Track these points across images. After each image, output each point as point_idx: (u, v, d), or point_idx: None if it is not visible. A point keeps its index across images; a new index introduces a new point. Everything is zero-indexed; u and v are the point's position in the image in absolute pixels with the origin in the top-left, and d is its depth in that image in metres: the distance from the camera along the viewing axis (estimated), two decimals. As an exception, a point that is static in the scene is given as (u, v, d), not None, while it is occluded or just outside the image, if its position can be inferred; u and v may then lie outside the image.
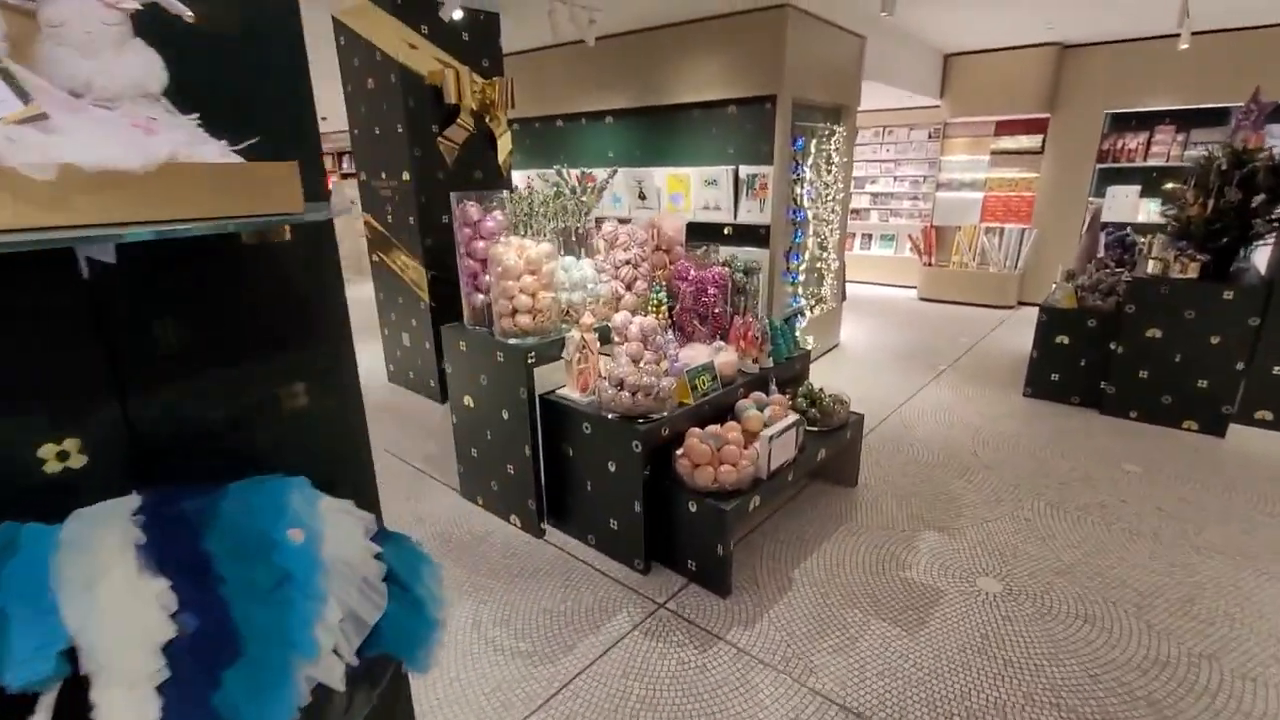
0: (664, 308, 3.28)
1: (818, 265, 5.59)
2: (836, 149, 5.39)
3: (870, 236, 9.28)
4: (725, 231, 5.07)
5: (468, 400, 3.24)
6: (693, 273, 3.33)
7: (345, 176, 12.65)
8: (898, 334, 6.67)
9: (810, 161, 5.03)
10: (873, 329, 6.87)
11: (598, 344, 3.01)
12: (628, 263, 3.32)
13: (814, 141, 5.03)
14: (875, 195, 9.12)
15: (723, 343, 3.26)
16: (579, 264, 3.22)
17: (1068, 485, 3.53)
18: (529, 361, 2.86)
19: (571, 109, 5.67)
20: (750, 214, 4.85)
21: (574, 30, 4.42)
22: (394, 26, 3.91)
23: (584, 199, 3.40)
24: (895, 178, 8.86)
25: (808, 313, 5.40)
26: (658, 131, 5.30)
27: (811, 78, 4.76)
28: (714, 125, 4.97)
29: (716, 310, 3.37)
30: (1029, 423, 4.37)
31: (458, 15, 3.99)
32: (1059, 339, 4.61)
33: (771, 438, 2.75)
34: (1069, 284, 4.74)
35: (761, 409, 3.06)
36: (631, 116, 5.44)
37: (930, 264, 8.21)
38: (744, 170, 4.82)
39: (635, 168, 5.40)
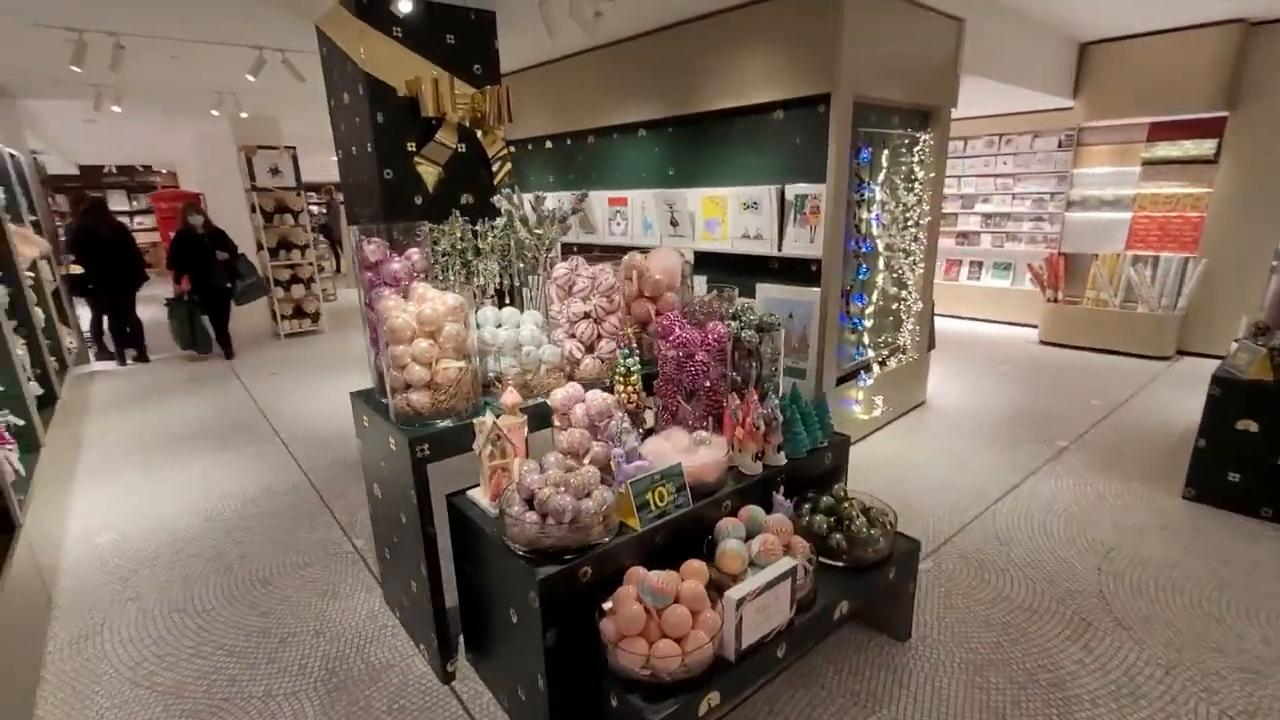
0: (634, 378, 2.41)
1: (893, 307, 4.46)
2: (921, 161, 4.26)
3: (980, 265, 7.81)
4: (772, 266, 4.11)
5: (376, 489, 2.53)
6: (678, 331, 2.44)
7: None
8: (1006, 390, 5.31)
9: (882, 178, 3.96)
10: (973, 382, 5.54)
11: (524, 431, 2.20)
12: (586, 316, 2.49)
13: (887, 153, 3.95)
14: (988, 217, 7.66)
15: (706, 433, 2.34)
16: (522, 317, 2.43)
17: (1265, 677, 2.25)
18: (418, 455, 2.10)
19: (601, 122, 4.94)
20: (798, 244, 3.86)
21: (576, 26, 3.69)
22: (358, 30, 3.36)
23: (539, 232, 2.62)
24: (1014, 195, 7.38)
25: (875, 368, 4.28)
26: (693, 145, 4.44)
27: (883, 71, 3.72)
28: (756, 135, 4.04)
29: (708, 383, 2.45)
30: (1192, 546, 3.03)
31: (406, 7, 3.37)
32: (1241, 424, 3.22)
33: (743, 600, 1.80)
34: (1258, 344, 3.33)
35: (752, 536, 2.12)
36: (665, 128, 4.62)
37: (1056, 299, 6.67)
38: (791, 190, 3.85)
39: (670, 189, 4.57)
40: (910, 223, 4.31)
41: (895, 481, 3.78)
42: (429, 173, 3.71)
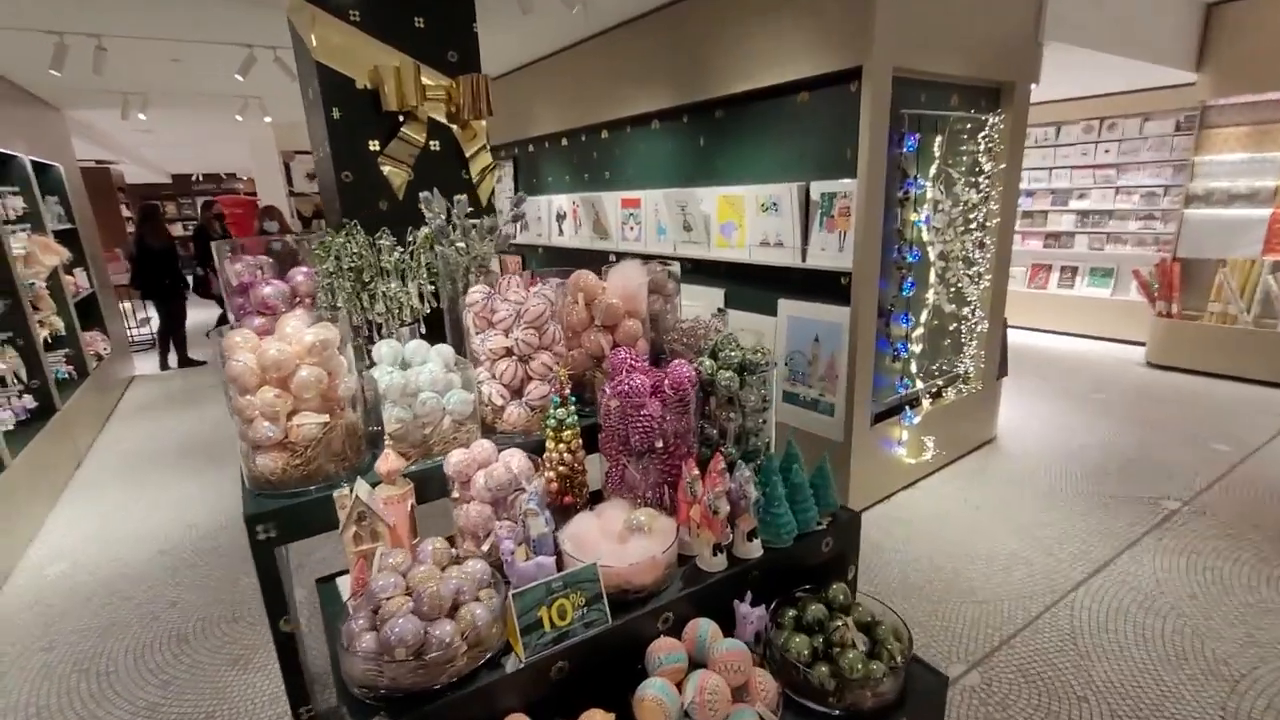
0: (569, 434, 1.87)
1: (951, 328, 3.67)
2: (989, 150, 3.47)
3: (1074, 270, 6.71)
4: (795, 278, 3.44)
5: (263, 556, 2.10)
6: (625, 378, 1.87)
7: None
8: (1100, 426, 4.36)
9: (935, 171, 3.21)
10: (1058, 415, 4.61)
11: (408, 505, 1.69)
12: (508, 353, 1.96)
13: (941, 140, 3.19)
14: (1084, 215, 6.57)
15: (651, 511, 1.75)
16: (427, 353, 1.93)
17: None
18: (258, 537, 1.63)
19: (613, 114, 4.39)
20: (826, 253, 3.18)
21: (563, 7, 3.17)
22: (311, 15, 2.97)
23: (475, 244, 2.11)
24: (1117, 189, 6.27)
25: (924, 401, 3.51)
26: (708, 137, 3.82)
27: (934, 38, 2.98)
28: (776, 123, 3.38)
29: (660, 444, 1.87)
30: (1366, 680, 2.16)
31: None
32: None
33: (640, 801, 1.21)
34: None
35: (693, 668, 1.53)
36: (679, 118, 4.02)
37: (1169, 313, 5.55)
38: (817, 188, 3.17)
39: (684, 188, 3.97)
40: (974, 225, 3.51)
41: (940, 548, 3.04)
42: (395, 174, 3.29)
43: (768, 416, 2.12)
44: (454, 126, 3.39)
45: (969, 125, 3.35)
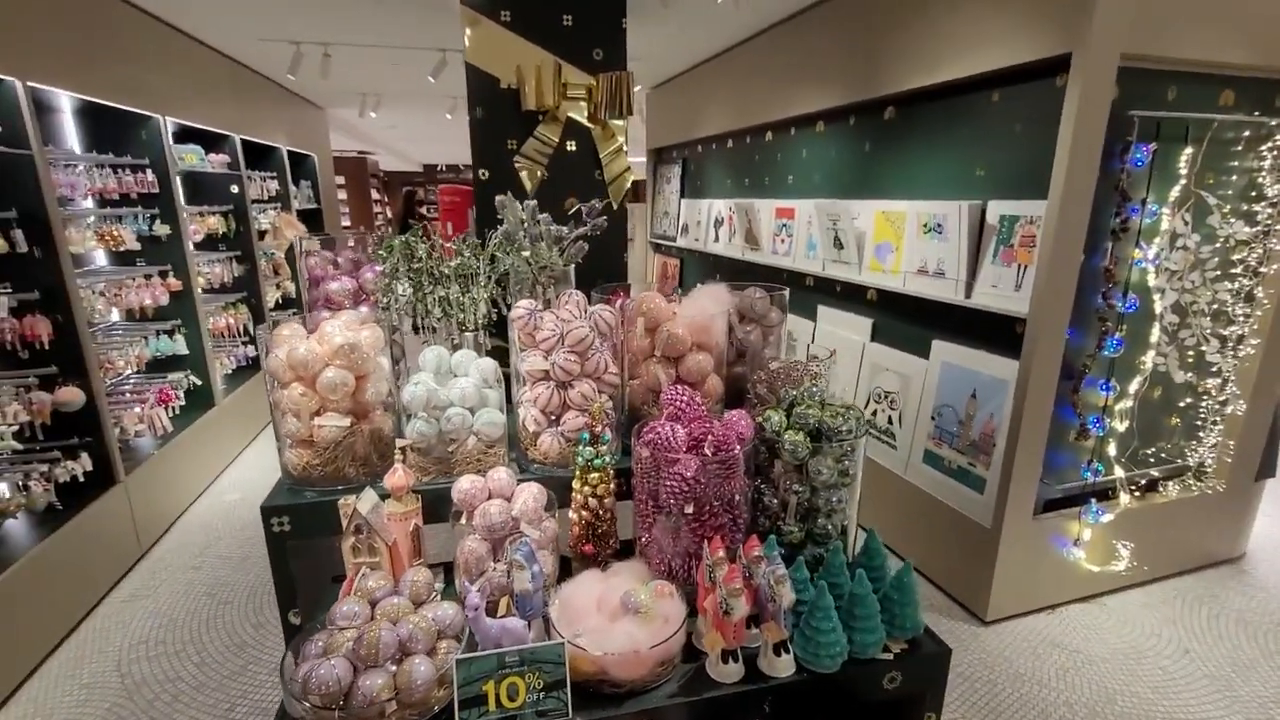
0: (597, 477, 1.66)
1: (1183, 405, 2.73)
2: (1275, 168, 2.48)
3: None
4: (956, 318, 2.80)
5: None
6: (659, 424, 1.61)
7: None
8: None
9: (1177, 193, 2.36)
10: (1362, 542, 3.26)
11: (413, 524, 1.61)
12: (545, 376, 1.78)
13: (1190, 152, 2.33)
14: None
15: (660, 587, 1.47)
16: (466, 365, 1.83)
17: None
18: (274, 529, 1.65)
19: (778, 115, 3.99)
20: (998, 290, 2.52)
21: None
22: (468, 17, 3.07)
23: (550, 256, 1.98)
24: None
25: (1122, 494, 2.65)
26: (874, 141, 3.27)
27: (1196, 10, 2.17)
28: (956, 126, 2.75)
29: (690, 509, 1.57)
30: None
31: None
32: None
33: None
34: None
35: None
36: (845, 119, 3.51)
37: None
38: (995, 208, 2.52)
39: (839, 198, 3.47)
40: (1239, 269, 2.55)
41: (1108, 700, 2.27)
42: (528, 173, 3.30)
43: (846, 496, 1.70)
44: (593, 127, 3.31)
45: (1246, 132, 2.42)
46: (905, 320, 3.09)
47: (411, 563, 1.65)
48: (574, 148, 3.31)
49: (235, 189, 4.92)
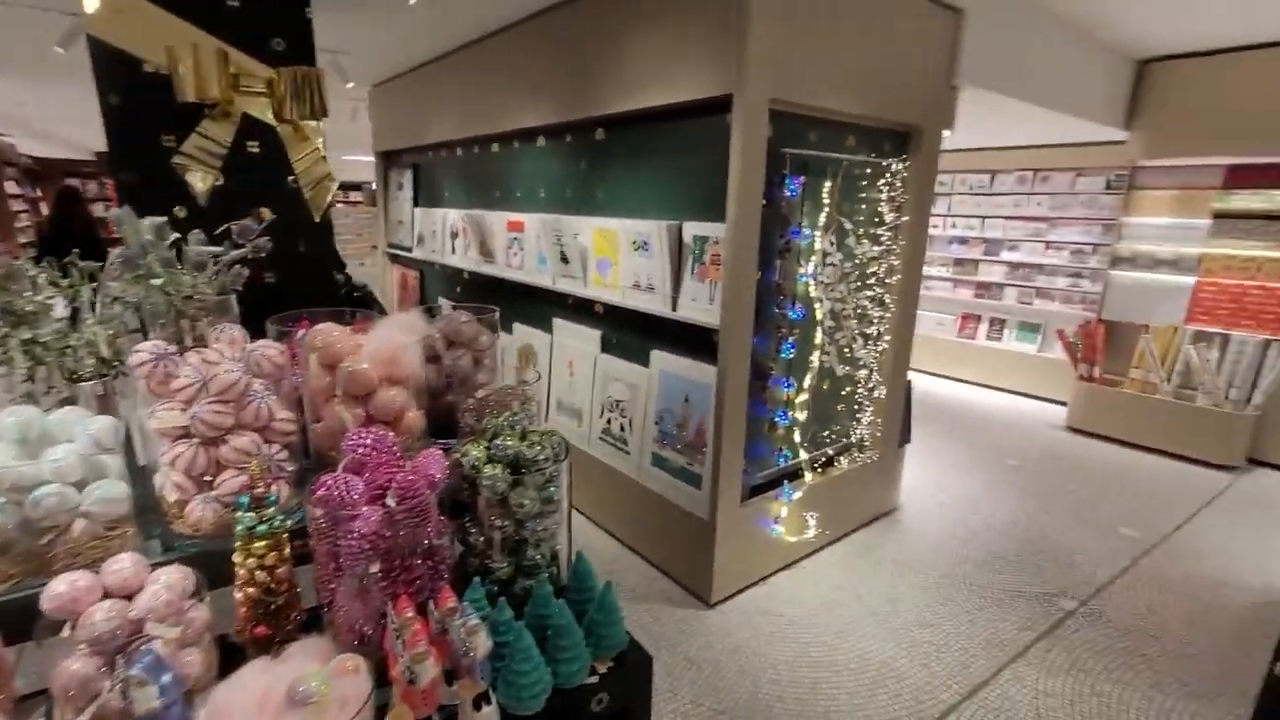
0: (262, 546, 1.39)
1: (844, 392, 3.31)
2: (892, 199, 3.13)
3: (1003, 323, 6.52)
4: (669, 329, 3.02)
5: None
6: (330, 480, 1.40)
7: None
8: (1010, 501, 4.06)
9: (824, 219, 2.84)
10: (969, 483, 4.30)
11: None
12: (185, 434, 1.47)
13: (830, 185, 2.82)
14: (1014, 267, 6.39)
15: (354, 662, 1.28)
16: (70, 428, 1.42)
17: None
18: None
19: (502, 126, 3.94)
20: (697, 304, 2.78)
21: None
22: (86, -20, 2.45)
23: (194, 284, 1.62)
24: (1048, 244, 6.10)
25: (807, 474, 3.12)
26: (591, 160, 3.41)
27: (825, 70, 2.63)
28: (653, 152, 2.99)
29: (375, 568, 1.40)
30: None
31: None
32: (1351, 653, 1.98)
33: None
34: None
35: None
36: (562, 136, 3.60)
37: (1091, 377, 5.35)
38: (690, 229, 2.78)
39: (563, 214, 3.54)
40: (871, 280, 3.17)
41: (805, 652, 2.63)
42: (199, 177, 2.77)
43: (551, 524, 1.68)
44: (279, 126, 2.90)
45: (868, 170, 3.01)
46: (628, 332, 3.26)
47: (-20, 704, 1.22)
48: (257, 150, 2.86)
49: None
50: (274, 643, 1.45)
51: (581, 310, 3.57)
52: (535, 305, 4.01)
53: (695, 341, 2.85)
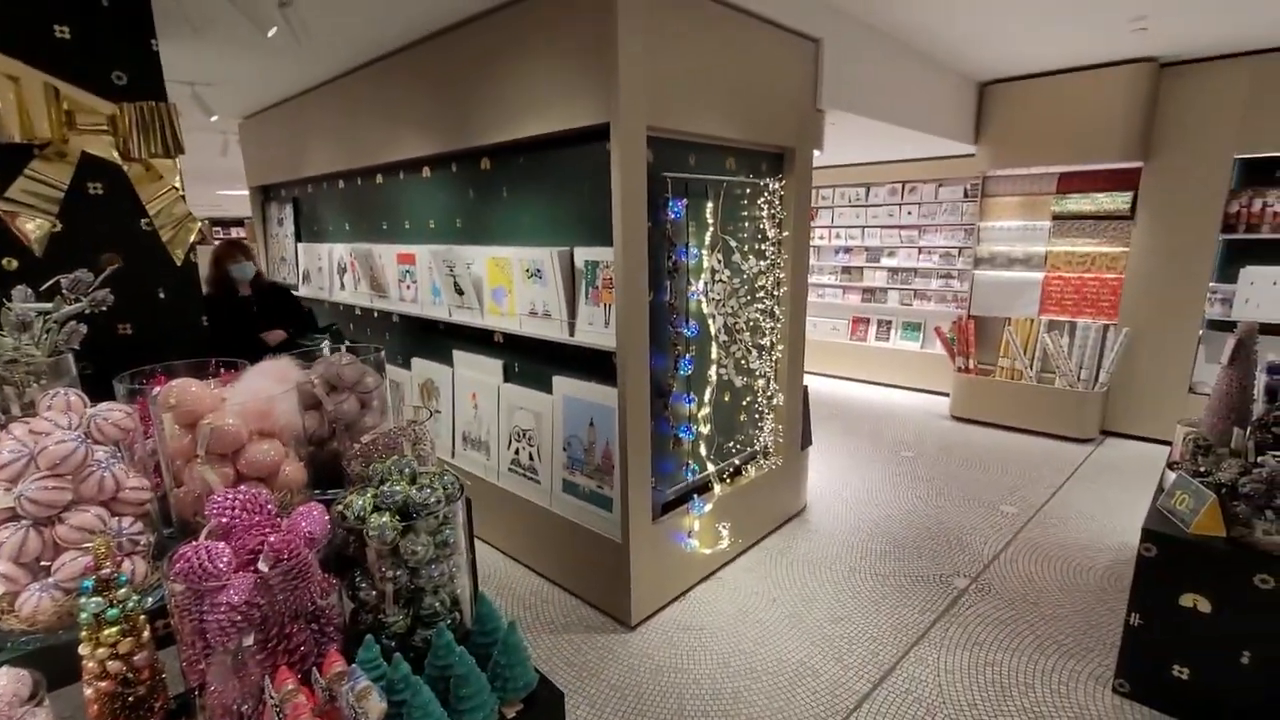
0: (112, 634, 1.24)
1: (745, 403, 3.42)
2: (773, 215, 3.30)
3: (889, 324, 6.99)
4: (568, 354, 3.02)
5: None
6: (189, 550, 1.29)
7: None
8: (905, 489, 4.32)
9: (708, 238, 2.95)
10: (869, 477, 4.55)
11: None
12: (11, 518, 1.30)
13: (711, 205, 2.94)
14: (894, 271, 6.88)
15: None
16: None
17: None
18: None
19: (385, 158, 3.82)
20: (594, 328, 2.79)
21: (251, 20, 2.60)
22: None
23: (18, 347, 1.45)
24: (920, 249, 6.63)
25: (715, 486, 3.19)
26: (477, 190, 3.37)
27: (697, 98, 2.74)
28: (539, 179, 3.00)
29: (252, 639, 1.30)
30: (1129, 805, 2.00)
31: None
32: (1187, 599, 2.25)
33: None
34: (1202, 475, 2.39)
35: None
36: (448, 166, 3.54)
37: (967, 368, 5.84)
38: (581, 255, 2.80)
39: (455, 244, 3.47)
40: (760, 294, 3.31)
41: (727, 663, 2.67)
42: (33, 225, 2.49)
43: (450, 568, 1.62)
44: (126, 166, 2.67)
45: (748, 190, 3.16)
46: (528, 359, 3.23)
47: None
48: (100, 191, 2.62)
49: None
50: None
51: (480, 340, 3.51)
52: (433, 338, 3.89)
53: (595, 365, 2.87)
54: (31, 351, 1.48)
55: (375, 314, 4.28)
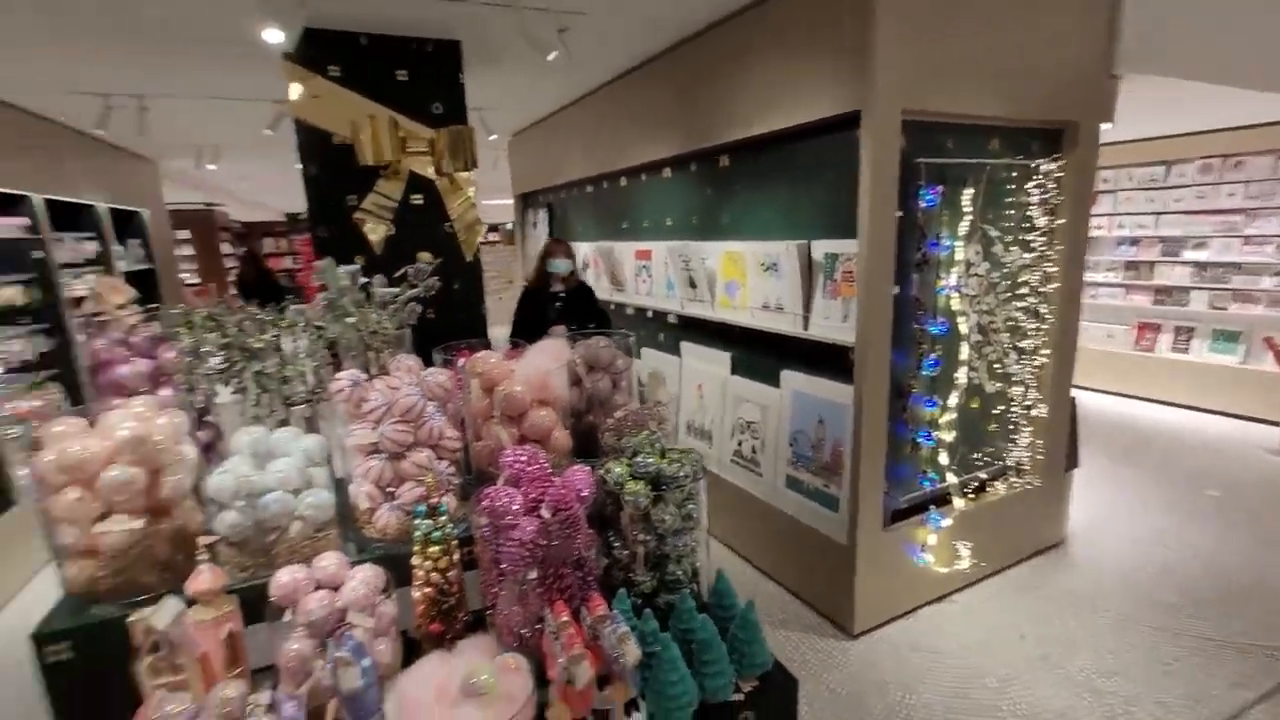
0: (436, 550, 1.57)
1: (997, 412, 3.06)
2: (1044, 202, 2.90)
3: (1190, 331, 5.69)
4: (801, 348, 2.98)
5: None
6: (493, 491, 1.56)
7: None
8: (1206, 536, 3.50)
9: (966, 228, 2.68)
10: (1150, 515, 3.77)
11: (228, 630, 1.44)
12: (375, 450, 1.69)
13: (971, 192, 2.66)
14: (1202, 267, 5.58)
15: (506, 661, 1.40)
16: (288, 444, 1.69)
17: None
18: (50, 660, 1.42)
19: (628, 162, 4.14)
20: (829, 322, 2.73)
21: (540, 48, 2.97)
22: (290, 71, 2.95)
23: (379, 321, 1.89)
24: (1245, 239, 5.28)
25: (957, 500, 2.91)
26: (715, 187, 3.48)
27: (962, 73, 2.51)
28: (779, 173, 2.99)
29: (534, 574, 1.53)
30: None
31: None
32: None
33: None
34: None
35: None
36: (687, 166, 3.70)
37: (1315, 393, 4.51)
38: (819, 247, 2.74)
39: (691, 240, 3.64)
40: (1025, 290, 2.93)
41: (962, 694, 2.43)
42: (373, 230, 3.18)
43: (691, 541, 1.73)
44: (438, 180, 3.27)
45: (1014, 174, 2.81)
46: (758, 353, 3.26)
47: (228, 674, 1.47)
48: (420, 201, 3.25)
49: (39, 254, 4.36)
50: (446, 639, 1.62)
51: (710, 333, 3.63)
52: (663, 330, 4.12)
53: (828, 361, 2.80)
54: (387, 325, 1.91)
55: (611, 306, 4.66)
